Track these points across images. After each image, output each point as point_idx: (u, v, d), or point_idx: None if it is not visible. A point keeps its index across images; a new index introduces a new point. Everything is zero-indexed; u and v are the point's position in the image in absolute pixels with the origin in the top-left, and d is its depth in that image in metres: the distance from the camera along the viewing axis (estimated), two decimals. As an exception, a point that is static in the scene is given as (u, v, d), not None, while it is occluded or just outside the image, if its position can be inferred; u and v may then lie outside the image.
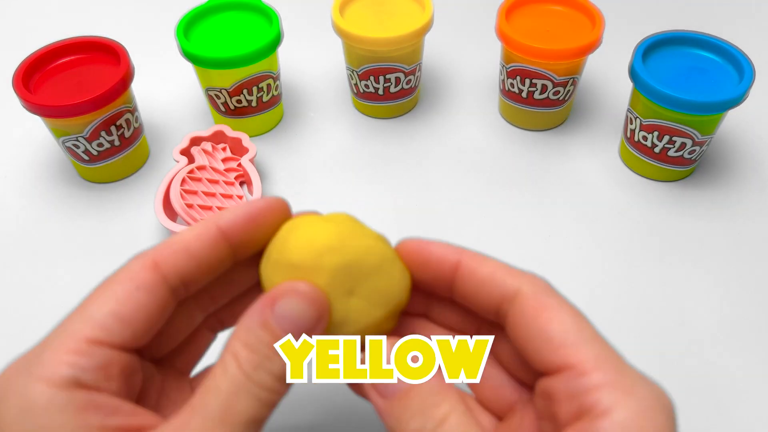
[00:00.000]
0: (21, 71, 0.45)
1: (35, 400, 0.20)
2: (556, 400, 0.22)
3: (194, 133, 0.48)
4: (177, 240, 0.24)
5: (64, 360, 0.21)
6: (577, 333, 0.22)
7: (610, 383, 0.21)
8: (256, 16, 0.51)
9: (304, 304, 0.23)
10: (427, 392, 0.23)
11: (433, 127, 0.53)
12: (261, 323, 0.22)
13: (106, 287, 0.23)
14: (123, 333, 0.22)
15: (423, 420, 0.22)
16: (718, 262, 0.43)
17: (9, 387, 0.21)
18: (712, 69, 0.46)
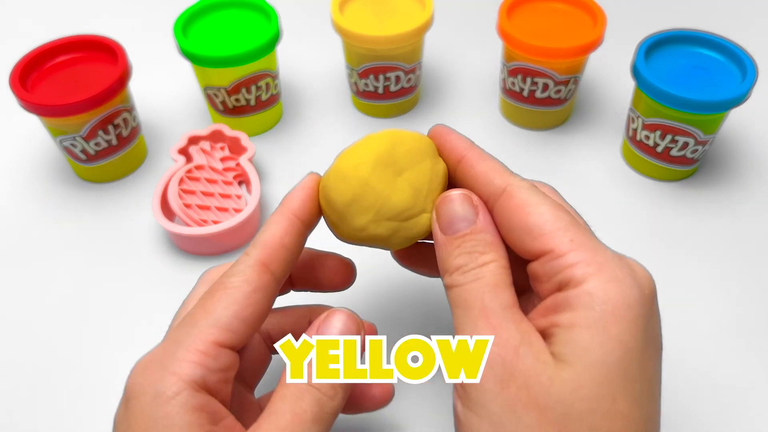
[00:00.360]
0: (18, 70, 0.44)
1: (165, 392, 0.23)
2: (539, 281, 0.25)
3: (192, 132, 0.47)
4: (270, 238, 0.27)
5: (195, 360, 0.24)
6: (554, 222, 0.25)
7: (583, 261, 0.24)
8: (254, 14, 0.50)
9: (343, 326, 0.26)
10: (481, 240, 0.26)
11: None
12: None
13: (224, 290, 0.26)
14: (245, 335, 0.25)
15: (468, 258, 0.26)
16: (721, 262, 0.43)
17: (147, 376, 0.24)
18: (715, 68, 0.45)
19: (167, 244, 0.44)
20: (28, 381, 0.38)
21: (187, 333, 0.25)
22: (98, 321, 0.40)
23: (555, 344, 0.24)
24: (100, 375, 0.38)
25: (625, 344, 0.23)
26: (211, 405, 0.24)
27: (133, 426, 0.24)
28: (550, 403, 0.23)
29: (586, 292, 0.23)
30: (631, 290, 0.23)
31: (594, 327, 0.23)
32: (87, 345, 0.39)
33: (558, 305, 0.24)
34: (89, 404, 0.37)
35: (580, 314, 0.23)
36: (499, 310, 0.25)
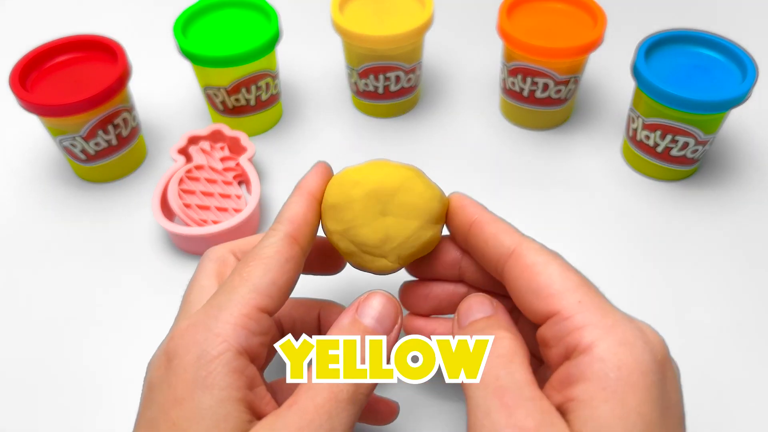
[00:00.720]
0: (18, 70, 0.44)
1: (210, 351, 0.24)
2: (547, 345, 0.25)
3: (192, 132, 0.47)
4: (295, 214, 0.28)
5: (239, 323, 0.25)
6: (561, 283, 0.25)
7: (592, 323, 0.23)
8: (254, 14, 0.50)
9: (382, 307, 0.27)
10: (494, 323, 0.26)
11: (434, 126, 0.53)
12: (352, 323, 0.26)
13: (260, 260, 0.27)
14: (279, 299, 0.26)
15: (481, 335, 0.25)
16: (721, 262, 0.43)
17: (191, 337, 0.25)
18: (715, 68, 0.45)
19: (167, 244, 0.44)
20: (27, 381, 0.38)
21: (228, 299, 0.26)
22: (98, 321, 0.40)
23: (574, 422, 0.23)
24: (100, 375, 0.38)
25: (645, 417, 0.22)
26: (249, 370, 0.25)
27: (174, 384, 0.24)
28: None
29: (598, 359, 0.23)
30: (644, 355, 0.23)
31: (611, 400, 0.22)
32: (87, 345, 0.39)
33: (571, 376, 0.23)
34: (89, 404, 0.37)
35: (595, 385, 0.22)
36: (516, 389, 0.23)
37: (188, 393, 0.24)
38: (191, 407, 0.24)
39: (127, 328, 0.40)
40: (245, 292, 0.26)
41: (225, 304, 0.25)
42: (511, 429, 0.22)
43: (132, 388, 0.37)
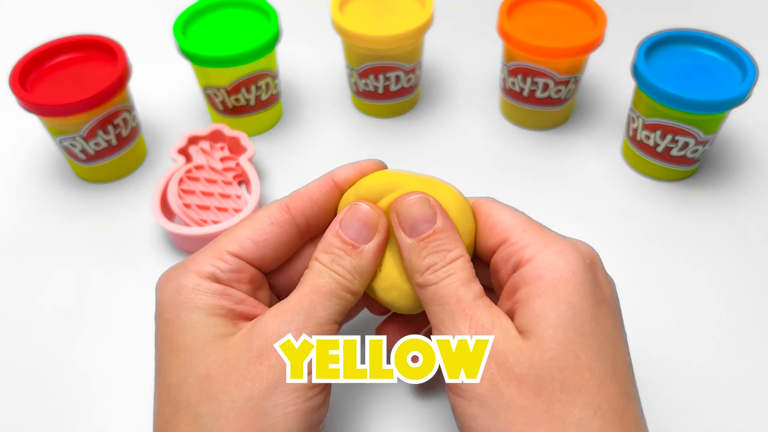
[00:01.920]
0: (17, 70, 0.44)
1: (186, 284, 0.28)
2: (498, 269, 0.29)
3: (192, 132, 0.47)
4: (303, 190, 0.31)
5: (209, 261, 0.29)
6: (510, 220, 0.29)
7: (533, 243, 0.28)
8: (254, 14, 0.50)
9: (363, 215, 0.30)
10: (445, 238, 0.28)
11: (434, 126, 0.53)
12: (333, 234, 0.29)
13: (248, 219, 0.31)
14: (255, 252, 0.30)
15: (437, 257, 0.28)
16: (721, 262, 0.43)
17: (170, 275, 0.29)
18: (715, 68, 0.45)
19: (167, 244, 0.44)
20: (27, 381, 0.38)
21: (209, 245, 0.30)
22: (98, 321, 0.40)
23: (518, 318, 0.26)
24: (100, 375, 0.38)
25: (575, 304, 0.26)
26: (228, 291, 0.29)
27: (162, 312, 0.28)
28: (524, 370, 0.25)
29: (535, 266, 0.27)
30: (574, 258, 0.27)
31: (545, 294, 0.26)
32: (87, 345, 0.39)
33: (515, 285, 0.27)
34: (89, 403, 0.37)
35: (532, 286, 0.26)
36: (471, 300, 0.27)
37: (175, 314, 0.28)
38: (180, 324, 0.28)
39: (127, 328, 0.40)
40: (220, 242, 0.30)
41: (201, 251, 0.30)
42: (473, 329, 0.26)
43: (132, 387, 0.37)
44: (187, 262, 0.29)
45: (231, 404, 0.26)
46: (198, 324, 0.27)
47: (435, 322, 0.28)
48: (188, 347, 0.27)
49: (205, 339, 0.27)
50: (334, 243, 0.29)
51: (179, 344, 0.27)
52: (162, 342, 0.28)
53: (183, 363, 0.27)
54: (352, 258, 0.29)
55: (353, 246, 0.29)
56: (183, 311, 0.28)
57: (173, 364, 0.27)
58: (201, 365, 0.27)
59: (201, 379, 0.26)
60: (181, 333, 0.27)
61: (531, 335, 0.26)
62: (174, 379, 0.27)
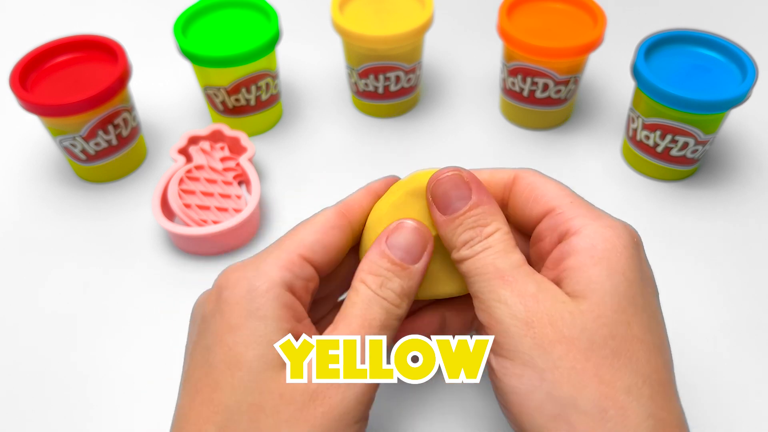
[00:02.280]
0: (18, 70, 0.44)
1: (259, 287, 0.27)
2: (541, 238, 0.29)
3: (192, 132, 0.47)
4: (350, 198, 0.31)
5: (283, 266, 0.28)
6: (556, 191, 0.29)
7: (581, 215, 0.28)
8: (254, 14, 0.50)
9: (411, 234, 0.29)
10: (481, 213, 0.28)
11: (434, 126, 0.53)
12: (380, 254, 0.28)
13: (308, 224, 0.30)
14: (323, 257, 0.29)
15: (473, 233, 0.28)
16: (721, 262, 0.43)
17: (241, 275, 0.27)
18: (715, 68, 0.45)
19: (167, 244, 0.44)
20: (27, 381, 0.38)
21: (276, 248, 0.29)
22: (98, 321, 0.40)
23: (568, 285, 0.26)
24: (100, 375, 0.38)
25: (628, 277, 0.26)
26: (295, 304, 0.28)
27: (227, 313, 0.27)
28: (575, 333, 0.25)
29: (587, 236, 0.27)
30: (625, 234, 0.27)
31: (600, 263, 0.26)
32: (87, 345, 0.39)
33: (563, 253, 0.27)
34: (90, 402, 0.37)
35: (585, 255, 0.27)
36: (510, 269, 0.27)
37: (242, 321, 0.26)
38: (246, 333, 0.26)
39: (127, 327, 0.40)
40: (291, 244, 0.28)
41: (272, 251, 0.28)
42: (517, 296, 0.26)
43: (132, 387, 0.37)
44: (258, 262, 0.28)
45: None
46: (264, 339, 0.26)
47: (474, 291, 0.28)
48: (249, 367, 0.26)
49: (267, 361, 0.26)
50: (382, 264, 0.28)
51: (240, 359, 0.26)
52: (219, 347, 0.26)
53: (240, 384, 0.26)
54: (402, 280, 0.28)
55: (402, 267, 0.28)
56: (252, 319, 0.26)
57: (229, 381, 0.26)
58: (256, 393, 0.25)
59: (254, 409, 0.25)
60: (244, 345, 0.26)
61: (584, 301, 0.26)
62: (227, 399, 0.26)
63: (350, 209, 0.30)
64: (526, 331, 0.25)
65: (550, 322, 0.25)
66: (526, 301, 0.26)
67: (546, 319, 0.26)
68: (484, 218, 0.28)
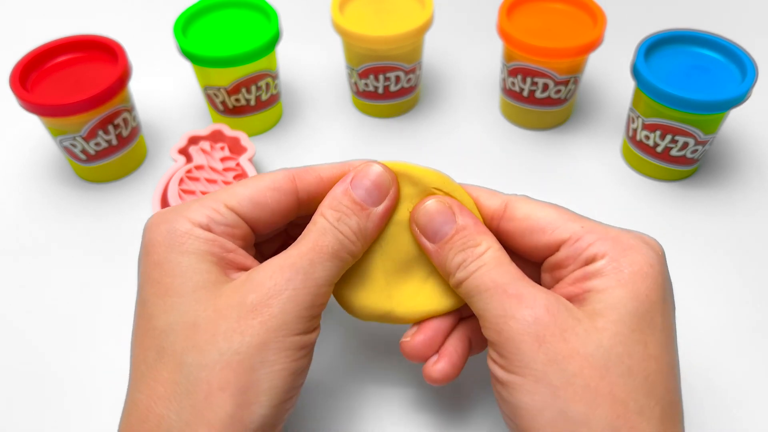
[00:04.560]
0: (18, 70, 0.44)
1: (179, 228, 0.28)
2: (562, 267, 0.29)
3: (192, 132, 0.47)
4: (313, 167, 0.31)
5: (204, 211, 0.28)
6: (561, 217, 0.29)
7: (599, 239, 0.28)
8: (254, 14, 0.50)
9: (375, 177, 0.29)
10: (468, 234, 0.28)
11: (434, 126, 0.53)
12: (343, 192, 0.29)
13: (251, 179, 0.30)
14: (252, 212, 0.29)
15: (464, 255, 0.28)
16: (722, 262, 0.43)
17: (162, 218, 0.29)
18: (715, 68, 0.45)
19: (167, 244, 0.44)
20: (27, 380, 0.38)
21: (202, 197, 0.30)
22: (98, 321, 0.40)
23: (589, 303, 0.26)
24: (100, 375, 0.38)
25: (651, 299, 0.26)
26: (218, 240, 0.28)
27: (151, 254, 0.28)
28: (590, 349, 0.25)
29: (613, 259, 0.27)
30: (648, 253, 0.27)
31: (625, 287, 0.26)
32: (87, 345, 0.39)
33: (588, 274, 0.27)
34: (90, 402, 0.37)
35: (611, 278, 0.26)
36: (512, 281, 0.27)
37: (164, 257, 0.27)
38: (170, 267, 0.27)
39: (127, 327, 0.40)
40: (219, 194, 0.29)
41: (197, 200, 0.29)
42: (525, 309, 0.26)
43: (132, 388, 0.37)
44: (180, 208, 0.29)
45: (217, 356, 0.25)
46: (188, 269, 0.27)
47: (479, 311, 0.27)
48: (177, 292, 0.27)
49: (196, 284, 0.27)
50: (343, 201, 0.29)
51: (168, 288, 0.27)
52: (148, 284, 0.28)
53: (171, 307, 0.27)
54: (359, 219, 0.29)
55: (362, 207, 0.29)
56: (173, 254, 0.27)
57: (160, 308, 0.27)
58: (190, 312, 0.26)
59: (188, 327, 0.26)
60: (170, 276, 0.27)
61: (600, 318, 0.26)
62: (160, 324, 0.27)
63: (304, 176, 0.30)
64: (538, 347, 0.25)
65: (564, 338, 0.25)
66: (536, 314, 0.26)
67: (558, 334, 0.25)
68: (473, 239, 0.28)
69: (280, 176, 0.30)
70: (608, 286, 0.26)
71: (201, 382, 0.25)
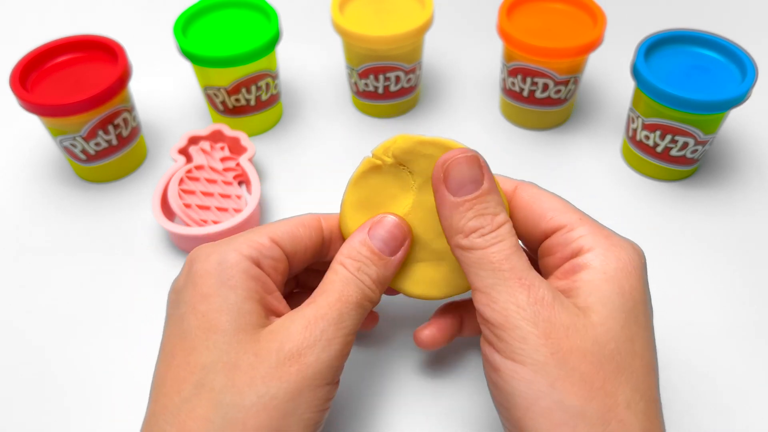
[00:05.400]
0: (18, 70, 0.44)
1: (229, 259, 0.29)
2: (553, 252, 0.30)
3: (192, 132, 0.47)
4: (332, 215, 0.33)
5: (252, 245, 0.30)
6: (563, 206, 0.31)
7: (591, 233, 0.29)
8: (254, 14, 0.50)
9: (391, 228, 0.31)
10: (492, 201, 0.28)
11: (434, 126, 0.53)
12: (361, 242, 0.31)
13: (282, 220, 0.32)
14: (290, 246, 0.31)
15: (483, 221, 0.28)
16: (721, 262, 0.43)
17: (214, 249, 0.30)
18: (715, 68, 0.45)
19: (167, 244, 0.44)
20: (27, 381, 0.38)
21: (247, 232, 0.31)
22: (98, 321, 0.40)
23: (579, 297, 0.27)
24: (100, 375, 0.38)
25: (635, 297, 0.27)
26: (264, 278, 0.29)
27: (199, 284, 0.28)
28: (588, 345, 0.26)
29: (601, 254, 0.28)
30: (634, 255, 0.28)
31: (612, 282, 0.27)
32: (87, 345, 0.39)
33: (577, 267, 0.28)
34: (90, 401, 0.37)
35: (598, 272, 0.28)
36: (526, 270, 0.27)
37: (214, 290, 0.28)
38: (218, 301, 0.28)
39: (127, 327, 0.40)
40: (261, 229, 0.31)
41: (243, 234, 0.31)
42: (536, 304, 0.27)
43: (133, 386, 0.37)
44: (227, 241, 0.30)
45: (256, 399, 0.26)
46: (235, 307, 0.28)
47: (483, 285, 0.28)
48: (222, 329, 0.27)
49: (239, 325, 0.27)
50: (362, 251, 0.30)
51: (214, 324, 0.27)
52: (193, 316, 0.28)
53: (214, 345, 0.27)
54: (378, 268, 0.30)
55: (380, 257, 0.30)
56: (223, 288, 0.28)
57: (203, 343, 0.27)
58: (232, 353, 0.27)
59: (230, 367, 0.27)
60: (217, 312, 0.27)
61: (594, 314, 0.27)
62: (203, 360, 0.27)
63: (327, 219, 0.33)
64: (544, 341, 0.26)
65: (566, 334, 0.26)
66: (545, 311, 0.26)
67: (563, 330, 0.26)
68: (495, 207, 0.28)
69: (307, 216, 0.32)
70: (595, 279, 0.27)
71: (237, 423, 0.26)
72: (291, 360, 0.27)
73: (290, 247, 0.31)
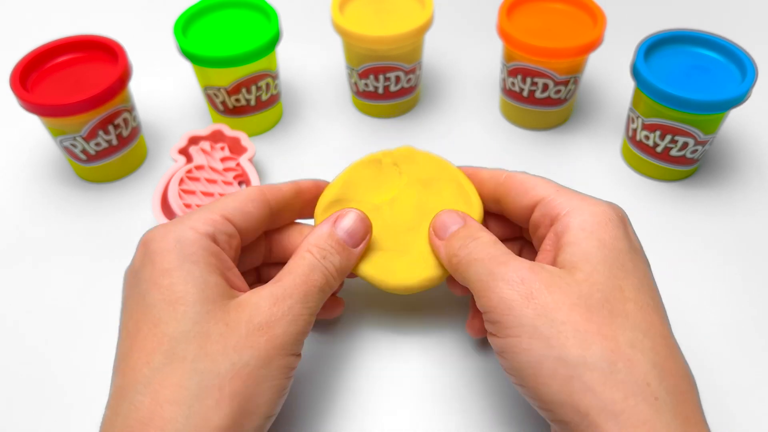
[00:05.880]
0: (18, 70, 0.44)
1: (188, 237, 0.30)
2: (539, 225, 0.33)
3: (192, 133, 0.47)
4: (276, 185, 0.35)
5: (207, 222, 0.31)
6: (543, 183, 0.33)
7: (568, 198, 0.31)
8: (254, 14, 0.50)
9: (356, 222, 0.33)
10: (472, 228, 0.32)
11: (434, 127, 0.53)
12: (328, 232, 0.33)
13: (230, 195, 0.33)
14: (242, 222, 0.32)
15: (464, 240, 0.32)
16: (721, 262, 0.43)
17: (169, 228, 0.30)
18: (715, 68, 0.45)
19: (167, 244, 0.44)
20: (27, 381, 0.38)
21: (198, 210, 0.32)
22: (98, 321, 0.40)
23: (564, 258, 0.29)
24: (100, 375, 0.38)
25: (617, 247, 0.29)
26: (221, 255, 0.31)
27: (159, 261, 0.29)
28: (573, 299, 0.27)
29: (577, 214, 0.30)
30: (609, 210, 0.31)
31: (590, 237, 0.29)
32: (87, 345, 0.39)
33: (557, 234, 0.30)
34: (89, 402, 0.37)
35: (577, 230, 0.30)
36: (503, 254, 0.30)
37: (176, 265, 0.29)
38: (182, 275, 0.28)
39: (127, 328, 0.40)
40: (212, 206, 0.32)
41: (194, 212, 0.32)
42: (513, 272, 0.28)
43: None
44: (181, 219, 0.31)
45: (230, 365, 0.27)
46: (200, 280, 0.29)
47: (472, 281, 0.30)
48: (189, 301, 0.28)
49: (207, 297, 0.28)
50: (328, 241, 0.32)
51: (180, 296, 0.28)
52: (155, 290, 0.28)
53: (183, 316, 0.28)
54: (341, 258, 0.32)
55: (343, 247, 0.33)
56: (186, 263, 0.29)
57: (171, 315, 0.28)
58: (202, 322, 0.28)
59: (202, 336, 0.27)
60: (182, 284, 0.28)
61: (578, 271, 0.28)
62: (170, 330, 0.27)
63: (271, 191, 0.34)
64: (527, 303, 0.27)
65: (549, 292, 0.27)
66: (523, 275, 0.28)
67: (544, 289, 0.28)
68: (476, 232, 0.32)
69: (252, 190, 0.34)
70: (575, 238, 0.29)
71: (213, 389, 0.27)
72: (260, 331, 0.28)
73: (241, 223, 0.32)
